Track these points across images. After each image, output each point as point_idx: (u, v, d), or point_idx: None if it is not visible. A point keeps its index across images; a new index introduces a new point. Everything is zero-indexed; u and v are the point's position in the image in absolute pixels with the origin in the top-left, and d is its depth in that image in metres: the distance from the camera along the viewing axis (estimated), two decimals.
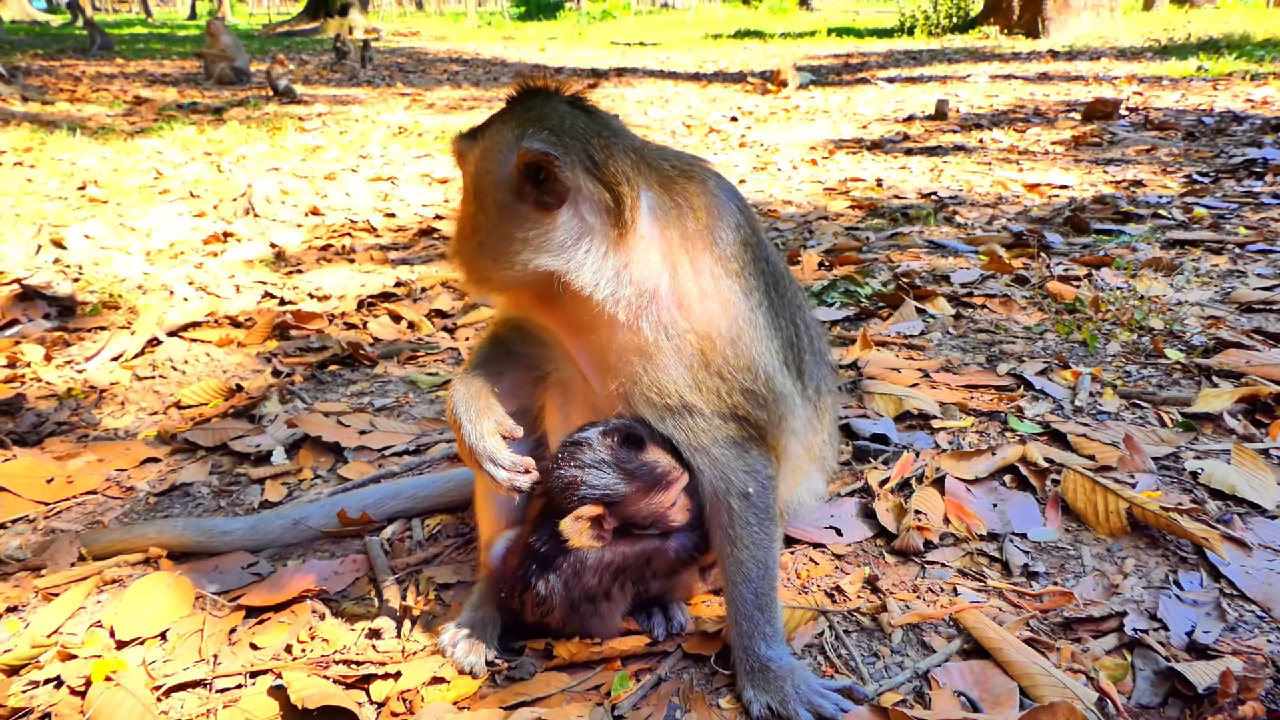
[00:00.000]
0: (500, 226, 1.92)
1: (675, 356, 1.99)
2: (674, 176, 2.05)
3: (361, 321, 4.80)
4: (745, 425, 2.05)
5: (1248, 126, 9.07)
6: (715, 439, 2.04)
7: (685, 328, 1.98)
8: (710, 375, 2.00)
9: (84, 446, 3.43)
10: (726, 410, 2.03)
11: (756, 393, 2.04)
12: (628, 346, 2.00)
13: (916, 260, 5.35)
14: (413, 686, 2.11)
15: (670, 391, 2.01)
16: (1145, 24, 23.83)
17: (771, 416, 2.08)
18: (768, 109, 12.87)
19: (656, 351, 1.98)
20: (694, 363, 2.00)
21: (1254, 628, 2.18)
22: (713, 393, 2.01)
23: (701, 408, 2.02)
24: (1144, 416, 3.25)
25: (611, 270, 1.92)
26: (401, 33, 37.09)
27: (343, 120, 12.60)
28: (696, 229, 2.02)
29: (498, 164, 1.90)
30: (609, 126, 1.99)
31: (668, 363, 1.99)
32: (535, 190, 1.86)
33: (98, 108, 13.53)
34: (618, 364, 2.03)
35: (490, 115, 2.04)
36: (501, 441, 2.07)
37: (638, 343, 1.98)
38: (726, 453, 2.06)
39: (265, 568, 2.68)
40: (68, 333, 4.60)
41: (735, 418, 2.04)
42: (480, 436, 2.05)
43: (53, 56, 22.57)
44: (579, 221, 1.90)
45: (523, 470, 2.05)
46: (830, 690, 1.99)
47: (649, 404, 2.03)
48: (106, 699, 2.06)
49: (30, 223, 6.66)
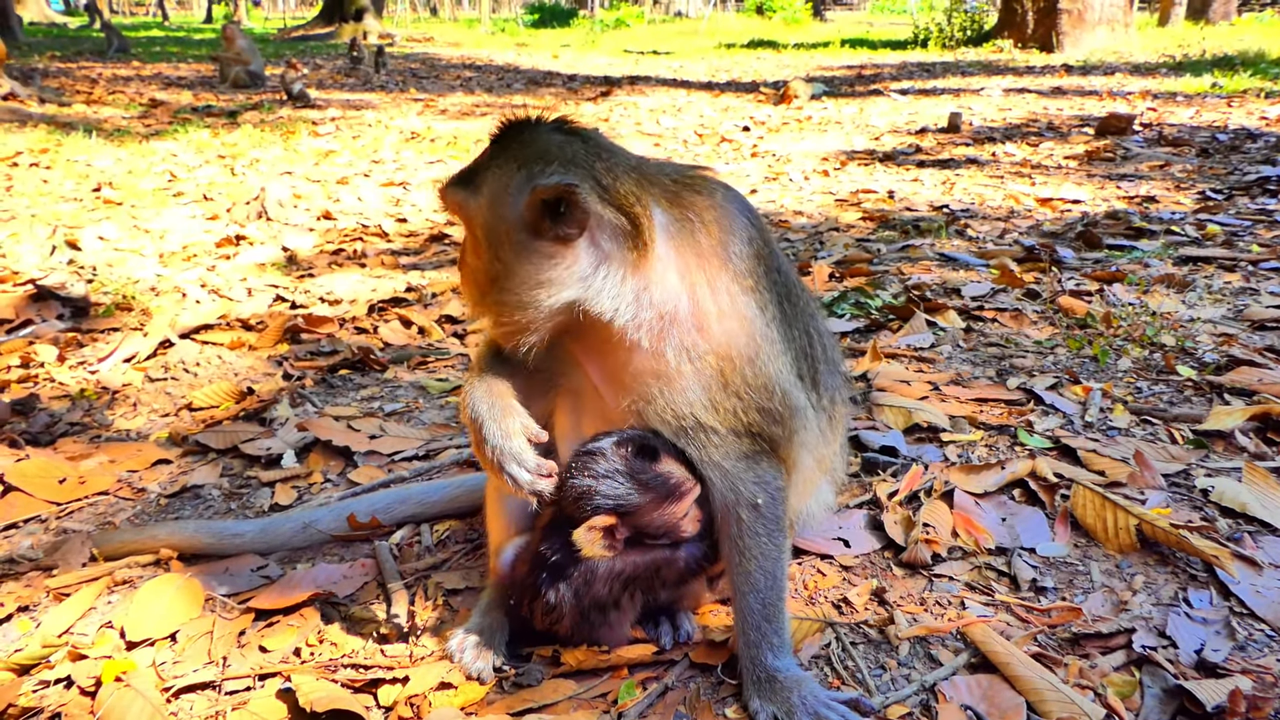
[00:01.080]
0: (522, 270, 1.90)
1: (695, 379, 1.98)
2: (678, 190, 2.03)
3: (372, 326, 4.82)
4: (758, 440, 2.05)
5: (1262, 144, 9.05)
6: (727, 454, 2.04)
7: (705, 349, 1.97)
8: (728, 396, 1.99)
9: (96, 447, 3.45)
10: (741, 428, 2.02)
11: (772, 410, 2.03)
12: (645, 370, 1.98)
13: (927, 273, 5.35)
14: (421, 691, 2.12)
15: (686, 414, 2.00)
16: (1160, 40, 23.78)
17: (785, 431, 2.08)
18: (780, 119, 12.88)
19: (677, 375, 1.97)
20: (712, 384, 1.98)
21: (1264, 647, 2.17)
22: (729, 412, 2.00)
23: (716, 427, 2.01)
24: (1155, 433, 3.24)
25: (631, 294, 1.91)
26: (415, 38, 37.26)
27: (356, 125, 12.66)
28: (710, 245, 2.00)
29: (509, 208, 1.87)
30: (605, 147, 1.97)
31: (686, 385, 1.98)
32: (554, 225, 1.83)
33: (114, 110, 13.63)
34: (633, 385, 2.02)
35: (478, 158, 2.00)
36: (527, 443, 2.01)
37: (657, 367, 1.97)
38: (737, 465, 2.05)
39: (275, 571, 2.69)
40: (81, 334, 4.63)
41: (749, 434, 2.04)
42: (505, 436, 2.00)
43: (70, 58, 22.75)
44: (596, 249, 1.88)
45: (546, 474, 2.00)
46: (837, 702, 1.99)
47: (663, 423, 2.03)
48: (116, 700, 2.07)
49: (45, 224, 6.72)
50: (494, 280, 1.94)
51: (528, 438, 2.02)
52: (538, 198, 1.81)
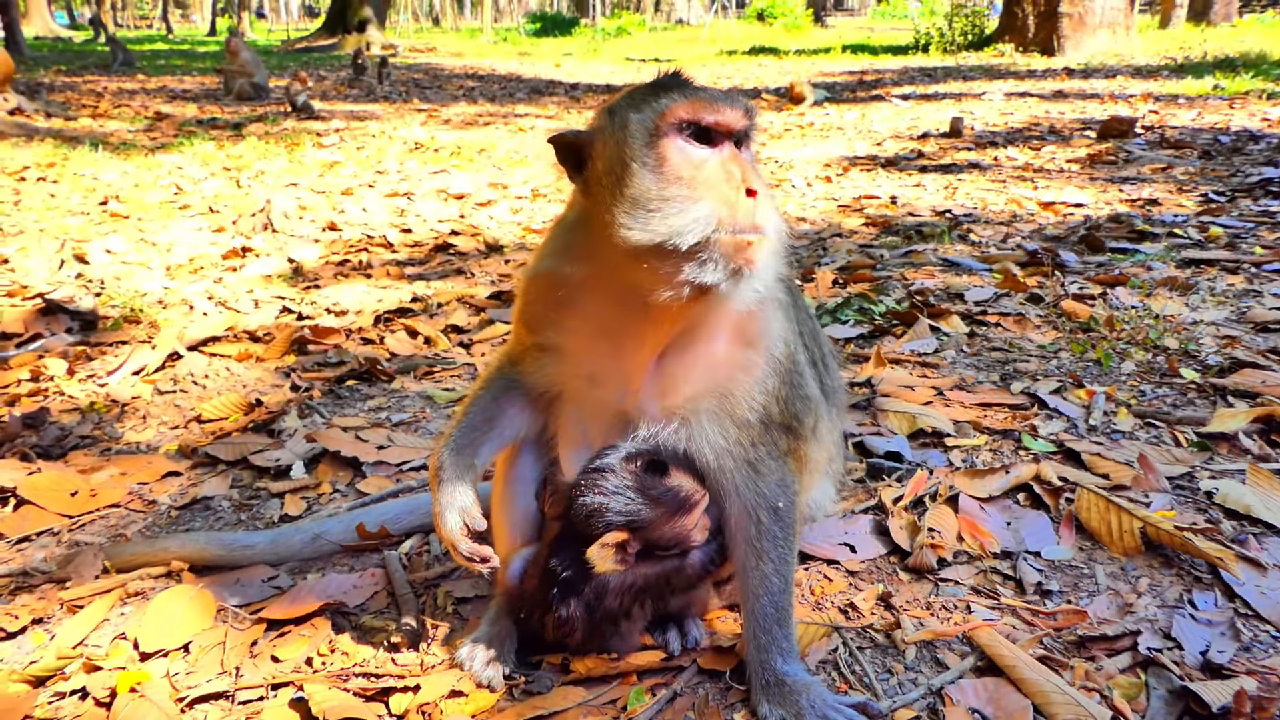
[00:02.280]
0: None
1: (769, 366, 2.03)
2: None
3: (379, 337, 4.85)
4: (790, 436, 2.10)
5: (1264, 145, 9.06)
6: (769, 451, 2.08)
7: (777, 334, 2.04)
8: (782, 384, 2.05)
9: (107, 460, 3.48)
10: (784, 420, 2.08)
11: (809, 398, 2.10)
12: (726, 362, 2.02)
13: (931, 278, 5.36)
14: (432, 699, 2.14)
15: (755, 404, 2.04)
16: (1161, 42, 23.80)
17: (810, 423, 2.13)
18: (782, 125, 12.92)
19: (759, 362, 2.02)
20: (777, 369, 2.05)
21: (1269, 648, 2.18)
22: (781, 401, 2.06)
23: (773, 417, 2.06)
24: (1159, 436, 3.26)
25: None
26: (418, 49, 37.41)
27: (360, 136, 12.72)
28: None
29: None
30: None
31: (765, 374, 2.03)
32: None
33: (119, 123, 13.71)
34: (701, 378, 2.03)
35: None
36: (463, 529, 2.10)
37: (743, 356, 2.02)
38: (771, 465, 2.09)
39: (285, 581, 2.71)
40: (90, 347, 4.67)
41: (786, 428, 2.09)
42: (444, 523, 2.11)
43: (75, 72, 22.88)
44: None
45: (480, 559, 2.09)
46: (845, 706, 2.01)
47: (716, 417, 2.05)
48: (132, 710, 2.09)
49: (53, 238, 6.76)
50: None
51: (464, 523, 2.10)
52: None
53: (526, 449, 2.29)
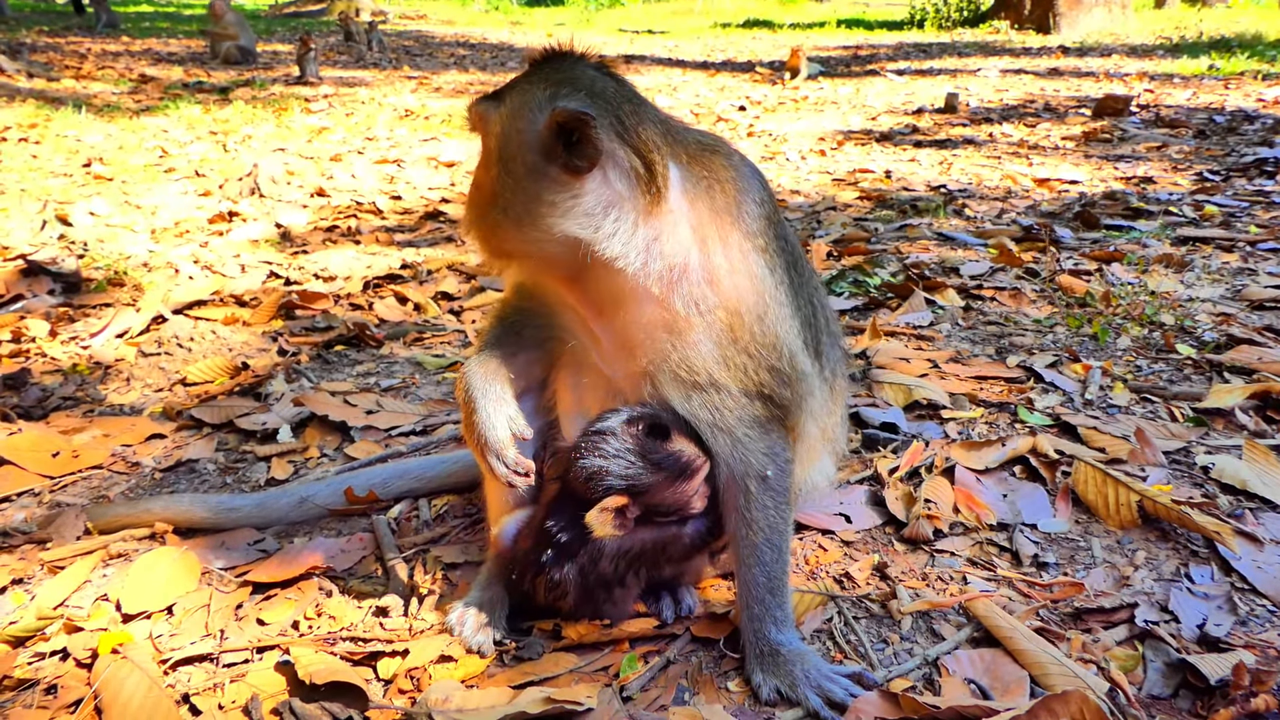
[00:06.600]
0: (526, 189, 1.87)
1: (705, 333, 1.97)
2: (698, 151, 2.04)
3: (367, 303, 4.78)
4: (770, 404, 2.04)
5: (1259, 125, 9.03)
6: (741, 418, 2.03)
7: (715, 303, 1.96)
8: (738, 352, 1.99)
9: (90, 421, 3.42)
10: (753, 388, 2.02)
11: (781, 370, 2.03)
12: (656, 322, 1.97)
13: (925, 252, 5.32)
14: (420, 664, 2.11)
15: (699, 368, 1.99)
16: (1157, 21, 23.71)
17: (794, 395, 2.07)
18: (776, 99, 12.81)
19: (688, 327, 1.96)
20: (722, 339, 1.98)
21: (1265, 622, 2.17)
22: (740, 370, 2.00)
23: (729, 385, 2.00)
24: (1155, 411, 3.24)
25: (642, 242, 1.89)
26: (409, 15, 36.94)
27: (349, 102, 12.55)
28: (724, 203, 2.00)
29: (527, 123, 1.85)
30: (636, 95, 1.97)
31: (698, 339, 1.97)
32: (566, 152, 1.81)
33: (103, 85, 13.47)
34: (646, 341, 2.00)
35: (513, 79, 1.99)
36: (510, 438, 2.04)
37: (668, 318, 1.96)
38: (750, 433, 2.04)
39: (272, 545, 2.67)
40: (73, 309, 4.59)
41: (761, 396, 2.03)
42: (491, 427, 2.04)
43: (58, 33, 22.47)
44: (608, 189, 1.86)
45: (523, 472, 2.04)
46: (840, 675, 1.99)
47: (677, 381, 2.01)
48: (113, 671, 2.05)
49: (35, 199, 6.64)
50: (497, 196, 1.92)
51: (512, 432, 2.04)
52: (555, 119, 1.79)
53: (526, 402, 2.24)
